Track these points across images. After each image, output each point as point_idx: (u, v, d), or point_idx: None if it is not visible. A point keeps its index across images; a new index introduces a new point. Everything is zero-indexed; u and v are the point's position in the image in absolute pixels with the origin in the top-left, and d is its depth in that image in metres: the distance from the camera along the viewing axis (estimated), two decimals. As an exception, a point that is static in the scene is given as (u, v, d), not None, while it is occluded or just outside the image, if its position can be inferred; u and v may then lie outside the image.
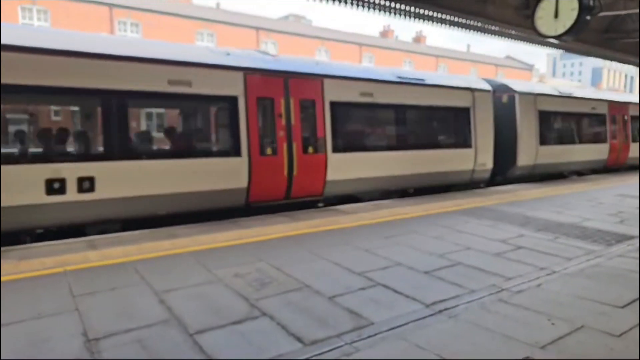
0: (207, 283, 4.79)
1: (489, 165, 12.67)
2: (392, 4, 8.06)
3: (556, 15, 7.27)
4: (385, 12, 8.16)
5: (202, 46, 26.18)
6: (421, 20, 8.72)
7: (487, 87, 12.83)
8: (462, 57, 54.17)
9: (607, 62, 15.17)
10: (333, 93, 9.48)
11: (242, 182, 8.34)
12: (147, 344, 3.45)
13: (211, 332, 3.67)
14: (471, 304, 4.29)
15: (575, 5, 7.00)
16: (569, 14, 7.10)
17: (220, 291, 4.57)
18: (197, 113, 8.92)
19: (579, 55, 14.33)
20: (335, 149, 9.50)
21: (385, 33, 54.16)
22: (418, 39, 56.14)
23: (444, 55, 52.21)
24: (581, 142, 15.77)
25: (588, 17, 7.10)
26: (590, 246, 6.43)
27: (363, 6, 7.88)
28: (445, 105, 11.71)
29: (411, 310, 4.14)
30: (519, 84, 14.65)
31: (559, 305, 4.27)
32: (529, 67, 61.01)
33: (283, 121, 8.80)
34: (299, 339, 3.56)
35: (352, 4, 7.77)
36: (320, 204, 9.80)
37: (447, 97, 11.72)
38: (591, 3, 7.08)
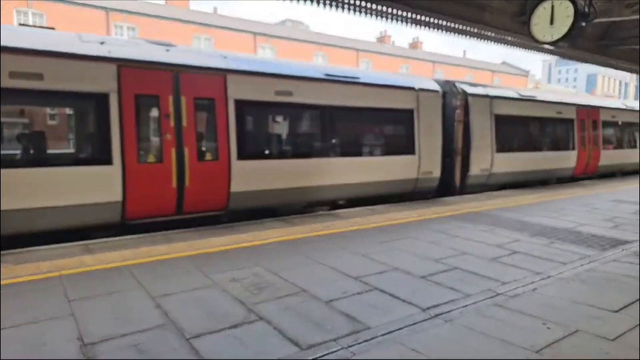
0: (203, 287, 4.79)
1: None
2: (390, 10, 8.09)
3: (552, 22, 7.32)
4: (382, 17, 8.19)
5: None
6: (418, 26, 8.75)
7: None
8: (459, 63, 54.41)
9: (602, 69, 15.43)
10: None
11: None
12: (143, 349, 3.44)
13: (208, 336, 3.66)
14: (467, 309, 4.31)
15: (571, 12, 7.06)
16: (564, 21, 7.16)
17: (217, 296, 4.56)
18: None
19: (574, 62, 14.38)
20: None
21: (382, 39, 54.37)
22: (415, 44, 56.39)
23: (441, 61, 52.44)
24: None
25: (583, 24, 7.15)
26: (585, 251, 6.46)
27: (360, 11, 7.91)
28: None
29: (407, 314, 4.15)
30: None
31: (554, 309, 4.29)
32: (525, 73, 61.29)
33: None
34: (295, 343, 3.56)
35: (349, 9, 7.80)
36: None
37: None
38: (586, 9, 7.14)
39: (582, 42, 10.40)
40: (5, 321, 3.84)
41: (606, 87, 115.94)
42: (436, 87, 11.89)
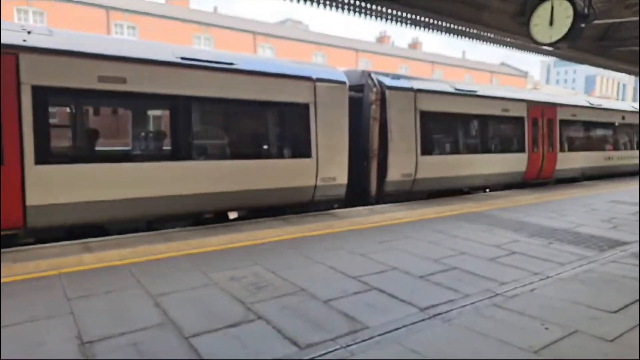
0: (202, 286, 4.79)
1: None
2: (389, 11, 8.10)
3: (551, 23, 7.34)
4: (381, 18, 8.20)
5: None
6: (417, 27, 8.76)
7: None
8: (457, 64, 54.45)
9: (601, 70, 15.23)
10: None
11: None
12: (142, 348, 3.44)
13: (207, 335, 3.66)
14: (465, 309, 4.31)
15: (570, 12, 7.08)
16: (564, 22, 7.18)
17: (216, 294, 4.56)
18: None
19: (572, 63, 14.30)
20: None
21: (381, 39, 54.43)
22: (414, 45, 56.48)
23: (439, 61, 52.48)
24: None
25: (582, 25, 7.17)
26: (584, 252, 6.47)
27: (360, 12, 7.91)
28: None
29: (406, 314, 4.15)
30: None
31: (553, 310, 4.30)
32: (524, 74, 61.37)
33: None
34: (294, 343, 3.56)
35: (349, 10, 7.81)
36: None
37: None
38: (586, 11, 7.16)
39: (581, 43, 10.41)
40: (3, 320, 3.84)
41: (604, 88, 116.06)
42: (341, 77, 9.86)
